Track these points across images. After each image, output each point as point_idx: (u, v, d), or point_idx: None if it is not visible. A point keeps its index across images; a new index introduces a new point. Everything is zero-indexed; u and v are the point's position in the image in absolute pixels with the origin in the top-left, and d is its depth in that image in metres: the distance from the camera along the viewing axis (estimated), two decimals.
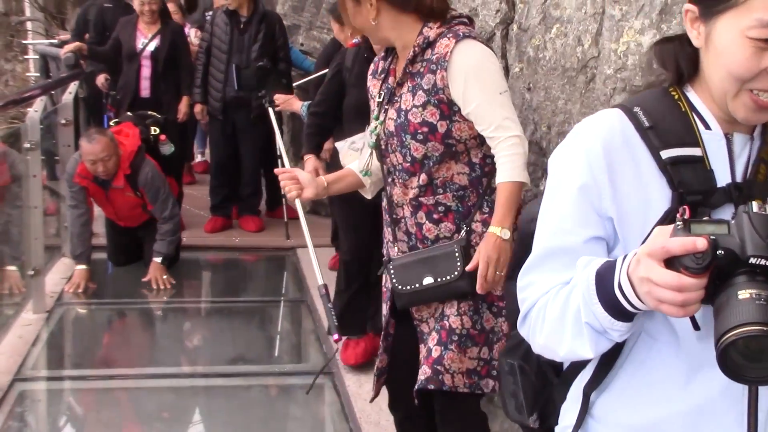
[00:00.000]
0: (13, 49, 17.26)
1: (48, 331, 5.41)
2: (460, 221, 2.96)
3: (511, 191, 2.83)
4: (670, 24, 2.85)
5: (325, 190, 3.16)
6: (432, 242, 2.98)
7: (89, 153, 5.62)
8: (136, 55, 7.12)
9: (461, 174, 2.95)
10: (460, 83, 2.82)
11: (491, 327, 2.99)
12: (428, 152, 2.91)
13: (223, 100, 6.93)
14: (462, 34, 2.86)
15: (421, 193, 2.96)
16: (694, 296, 1.33)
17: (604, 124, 1.59)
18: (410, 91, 2.91)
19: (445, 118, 2.88)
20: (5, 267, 5.62)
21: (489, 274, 2.83)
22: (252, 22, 6.88)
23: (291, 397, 4.84)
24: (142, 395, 4.79)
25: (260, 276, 7.07)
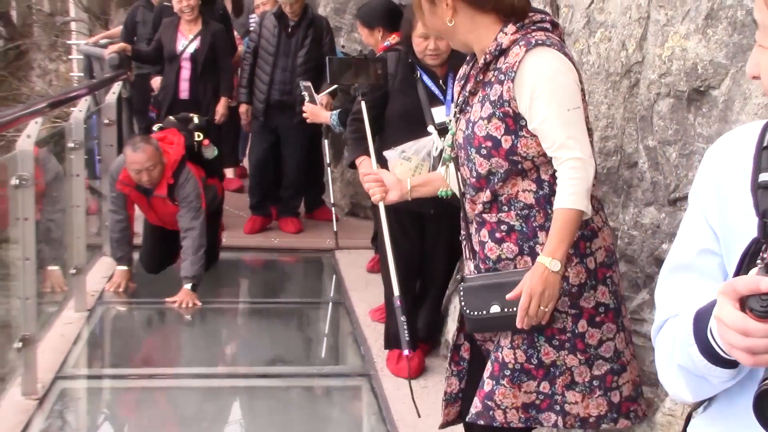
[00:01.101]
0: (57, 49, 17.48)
1: (89, 329, 5.46)
2: (524, 242, 2.74)
3: (567, 219, 2.60)
4: (716, 29, 2.83)
5: (409, 193, 2.99)
6: (494, 263, 2.78)
7: (134, 162, 5.56)
8: (176, 56, 7.17)
9: (527, 192, 2.73)
10: (527, 96, 2.61)
11: (552, 361, 2.76)
12: (492, 168, 2.72)
13: (266, 102, 6.94)
14: (535, 42, 2.62)
15: (485, 210, 2.77)
16: (762, 344, 1.19)
17: (735, 135, 1.48)
18: (480, 101, 2.72)
19: (510, 133, 2.67)
20: (47, 266, 5.66)
21: (531, 308, 2.60)
22: (300, 26, 6.88)
23: (329, 398, 4.85)
24: (181, 395, 4.82)
25: (299, 277, 7.09)
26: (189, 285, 5.70)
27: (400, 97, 4.45)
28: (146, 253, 6.25)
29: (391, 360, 4.74)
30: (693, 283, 1.44)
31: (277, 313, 6.18)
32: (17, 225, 4.47)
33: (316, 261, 7.04)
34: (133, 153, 5.55)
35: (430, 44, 4.24)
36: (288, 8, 6.80)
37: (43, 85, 17.24)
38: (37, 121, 4.73)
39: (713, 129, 2.86)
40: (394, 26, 5.29)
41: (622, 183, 3.41)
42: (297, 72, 6.81)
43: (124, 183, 5.74)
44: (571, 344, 2.74)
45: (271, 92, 6.92)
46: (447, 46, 4.28)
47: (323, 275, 6.87)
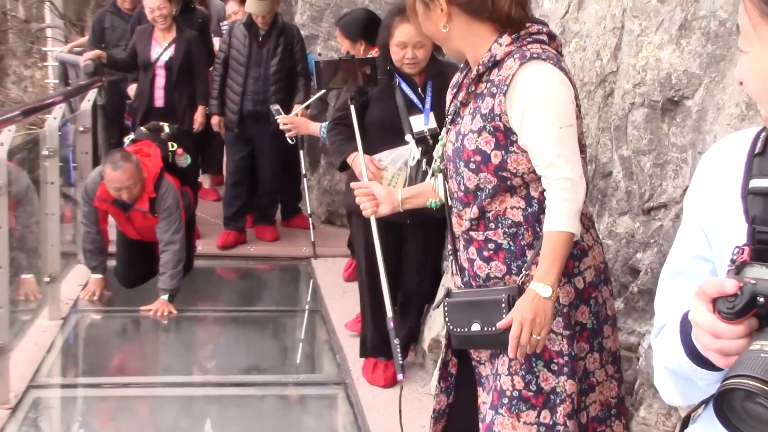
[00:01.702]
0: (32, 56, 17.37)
1: (63, 338, 5.42)
2: (512, 262, 2.65)
3: (557, 242, 2.50)
4: (690, 39, 2.85)
5: (399, 205, 2.94)
6: (483, 281, 2.70)
7: (114, 180, 5.48)
8: (150, 64, 7.11)
9: (515, 209, 2.63)
10: (518, 111, 2.51)
11: (551, 387, 2.65)
12: (480, 183, 2.62)
13: (240, 113, 6.89)
14: (530, 55, 2.52)
15: (472, 227, 2.69)
16: (732, 345, 1.22)
17: (728, 141, 1.48)
18: (471, 113, 2.63)
19: (500, 148, 2.57)
20: (21, 274, 5.61)
21: (523, 336, 2.49)
22: (271, 35, 6.83)
23: (304, 407, 4.83)
24: (156, 404, 4.79)
25: (275, 285, 7.07)
26: (165, 296, 5.67)
27: (378, 105, 4.42)
28: (122, 268, 6.15)
29: (366, 369, 4.73)
30: (686, 289, 1.43)
31: (253, 322, 6.15)
32: None
33: (293, 269, 7.02)
34: (113, 171, 5.46)
35: (408, 53, 4.21)
36: (260, 19, 6.76)
37: (18, 92, 17.12)
38: (10, 129, 4.70)
39: (687, 139, 2.88)
40: (375, 38, 5.27)
41: (597, 192, 3.43)
42: (270, 81, 6.78)
43: (102, 199, 5.65)
44: (570, 369, 2.64)
45: (244, 102, 6.86)
46: (425, 54, 4.26)
47: (299, 283, 6.86)
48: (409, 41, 4.19)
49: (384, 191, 2.95)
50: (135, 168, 5.50)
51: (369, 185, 3.02)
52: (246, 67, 6.83)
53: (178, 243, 5.70)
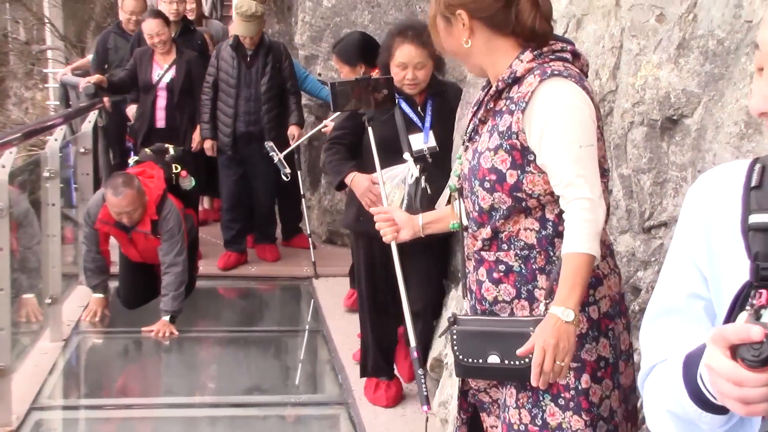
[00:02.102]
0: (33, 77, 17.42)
1: (65, 359, 5.42)
2: (522, 285, 2.55)
3: (578, 264, 2.39)
4: (688, 58, 2.86)
5: (420, 230, 2.88)
6: (490, 305, 2.59)
7: (114, 205, 5.47)
8: (152, 86, 7.12)
9: (529, 230, 2.53)
10: (537, 129, 2.42)
11: (557, 423, 2.53)
12: (495, 203, 2.53)
13: (233, 135, 6.84)
14: (551, 72, 2.44)
15: (484, 247, 2.59)
16: (755, 394, 1.16)
17: (719, 173, 1.44)
18: (489, 131, 2.53)
19: (516, 168, 2.47)
20: (22, 295, 5.61)
21: (546, 364, 2.38)
22: (258, 54, 6.81)
23: (307, 427, 4.83)
24: (159, 425, 4.79)
25: (276, 305, 7.07)
26: (167, 317, 5.66)
27: (377, 126, 4.40)
28: (124, 288, 6.16)
29: (368, 389, 4.72)
30: (679, 328, 1.41)
31: (254, 342, 6.15)
32: None
33: (294, 289, 7.02)
34: (114, 197, 5.45)
35: (408, 74, 4.23)
36: (247, 40, 6.74)
37: (19, 114, 17.17)
38: (11, 151, 4.71)
39: (686, 157, 2.89)
40: (375, 60, 5.27)
41: None
42: (261, 100, 6.75)
43: (104, 221, 5.63)
44: (576, 403, 2.53)
45: (236, 124, 6.81)
46: (425, 75, 4.27)
47: (301, 303, 6.85)
48: (410, 62, 4.21)
49: (404, 216, 2.90)
50: (136, 193, 5.49)
51: (389, 210, 2.96)
52: (236, 88, 6.79)
53: (181, 265, 5.69)
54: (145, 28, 7.06)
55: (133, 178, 5.59)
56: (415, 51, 4.19)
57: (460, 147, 2.71)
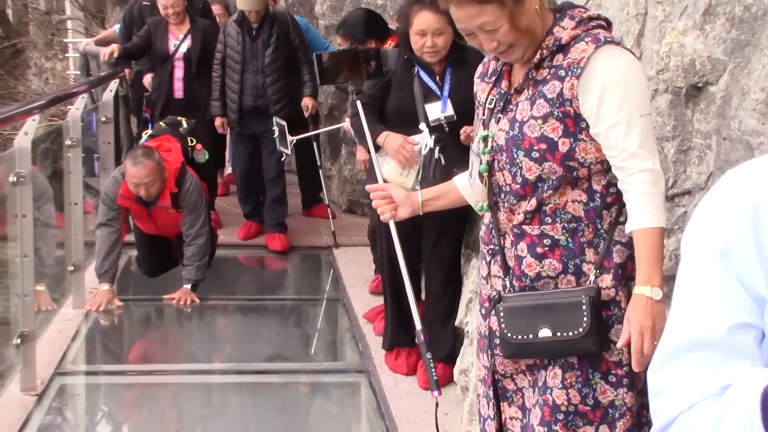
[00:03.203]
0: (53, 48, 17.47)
1: (87, 326, 5.47)
2: (569, 260, 2.45)
3: (655, 240, 2.32)
4: (714, 25, 2.84)
5: (420, 208, 2.75)
6: (531, 281, 2.48)
7: (133, 176, 5.40)
8: (169, 57, 7.09)
9: (577, 202, 2.43)
10: (593, 96, 2.34)
11: (610, 400, 2.45)
12: (543, 174, 2.42)
13: (239, 111, 6.80)
14: (604, 39, 2.37)
15: (526, 221, 2.46)
16: None
17: (754, 174, 1.18)
18: (529, 99, 2.43)
19: (568, 135, 2.39)
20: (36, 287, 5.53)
21: (646, 347, 2.27)
22: (263, 26, 6.74)
23: (327, 394, 4.86)
24: (180, 391, 4.84)
25: (296, 274, 7.10)
26: (189, 285, 5.68)
27: (396, 94, 4.39)
28: (143, 258, 6.16)
29: (389, 356, 4.75)
30: (723, 364, 1.13)
31: (275, 310, 6.19)
32: (15, 222, 4.48)
33: (314, 258, 7.05)
34: (133, 167, 5.40)
35: (428, 41, 4.17)
36: (252, 14, 6.68)
37: (39, 84, 17.23)
38: (34, 119, 4.74)
39: (711, 125, 2.87)
40: (384, 35, 5.23)
41: None
42: (267, 72, 6.69)
43: (125, 197, 5.57)
44: (630, 380, 2.45)
45: (243, 99, 6.76)
46: (445, 42, 4.21)
47: (321, 272, 6.88)
48: (428, 29, 4.14)
49: (403, 193, 2.75)
50: (156, 165, 5.44)
51: (386, 187, 2.80)
52: (242, 63, 6.73)
53: (205, 235, 5.70)
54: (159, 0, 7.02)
55: (153, 151, 5.56)
56: (433, 18, 4.13)
57: (478, 122, 2.60)
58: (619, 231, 2.45)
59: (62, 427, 4.47)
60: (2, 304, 5.21)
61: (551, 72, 2.40)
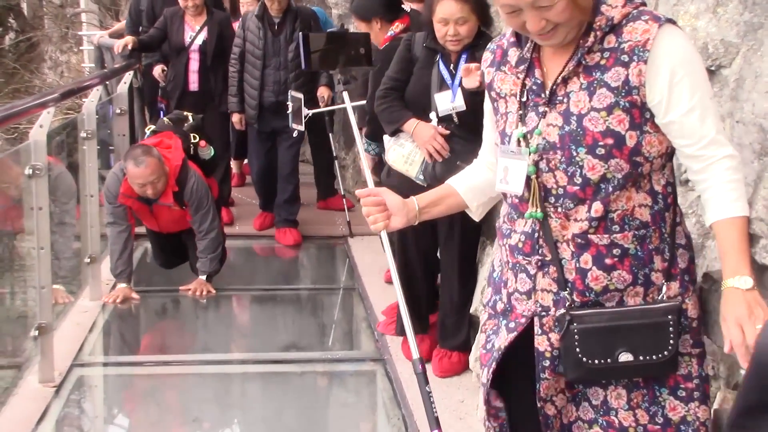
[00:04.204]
0: (68, 41, 17.53)
1: (104, 317, 5.50)
2: (639, 270, 2.25)
3: (743, 229, 2.14)
4: (727, 8, 2.82)
5: (416, 216, 2.51)
6: (597, 295, 2.26)
7: (138, 176, 5.36)
8: (184, 48, 7.06)
9: (643, 207, 2.24)
10: (663, 83, 2.14)
11: (681, 417, 2.30)
12: (609, 172, 2.19)
13: (259, 107, 6.72)
14: (664, 17, 2.17)
15: (590, 229, 2.23)
16: None
17: None
18: (585, 89, 2.19)
19: (635, 128, 2.18)
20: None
21: (748, 337, 2.04)
22: (286, 21, 6.65)
23: (343, 383, 4.87)
24: (197, 381, 4.85)
25: (312, 264, 7.11)
26: (204, 276, 5.70)
27: (415, 80, 4.34)
28: (157, 253, 6.18)
29: (405, 344, 4.74)
30: None
31: (290, 300, 6.21)
32: (31, 215, 4.51)
33: (329, 248, 7.06)
34: (136, 168, 5.34)
35: (450, 29, 4.06)
36: (274, 6, 6.58)
37: (54, 77, 17.31)
38: (49, 111, 4.75)
39: (724, 108, 2.86)
40: (393, 15, 5.13)
41: None
42: (290, 68, 6.61)
43: (126, 195, 5.54)
44: (701, 392, 2.31)
45: (263, 95, 6.67)
46: (468, 30, 4.09)
47: (336, 262, 6.89)
48: (451, 17, 4.05)
49: (398, 200, 2.48)
50: (157, 162, 5.39)
51: (379, 192, 2.52)
52: (263, 59, 6.64)
53: (216, 228, 5.69)
54: None
55: (151, 148, 5.49)
56: (455, 5, 4.07)
57: (515, 115, 2.31)
58: (679, 233, 2.32)
59: (80, 419, 4.50)
60: (20, 296, 5.25)
61: (607, 56, 2.18)
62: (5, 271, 5.39)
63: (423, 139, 4.20)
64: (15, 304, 5.31)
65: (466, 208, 2.58)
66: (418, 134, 4.22)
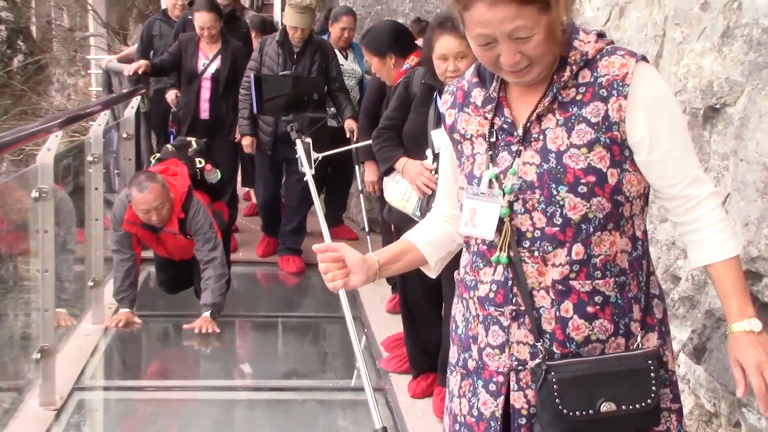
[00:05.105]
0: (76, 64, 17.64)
1: (106, 341, 5.50)
2: (619, 319, 2.12)
3: (738, 270, 2.10)
4: (732, 47, 2.85)
5: (377, 274, 2.34)
6: (577, 346, 2.12)
7: (141, 202, 5.32)
8: (197, 76, 7.06)
9: (624, 252, 2.13)
10: (641, 118, 2.06)
11: None
12: (590, 212, 2.07)
13: (274, 135, 6.66)
14: (638, 54, 2.12)
15: (572, 273, 2.10)
16: None
17: None
18: (562, 125, 2.09)
19: (615, 165, 2.07)
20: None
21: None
22: (305, 52, 6.61)
23: (344, 411, 4.87)
24: (197, 407, 4.85)
25: (314, 292, 7.11)
26: (208, 312, 5.53)
27: (413, 118, 4.33)
28: (161, 277, 6.12)
29: (412, 383, 4.68)
30: None
31: (292, 327, 6.21)
32: (36, 237, 4.52)
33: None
34: (140, 194, 5.31)
35: (449, 65, 4.00)
36: (297, 34, 6.53)
37: (61, 100, 17.40)
38: (57, 135, 4.78)
39: (728, 146, 2.88)
40: (406, 50, 5.15)
41: None
42: None
43: (131, 222, 5.51)
44: None
45: (278, 124, 6.55)
46: (467, 66, 4.01)
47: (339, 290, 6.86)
48: (450, 52, 4.03)
49: (357, 257, 2.30)
50: (161, 188, 5.36)
51: (338, 247, 2.33)
52: None
53: (219, 258, 5.57)
54: (197, 19, 6.96)
55: (155, 174, 5.47)
56: (454, 41, 4.06)
57: (483, 156, 2.20)
58: (653, 282, 2.21)
59: None
60: (22, 319, 5.26)
61: (583, 91, 2.09)
62: (8, 293, 5.40)
63: (410, 175, 4.22)
64: (17, 326, 5.32)
65: (424, 263, 2.41)
66: (407, 171, 4.25)
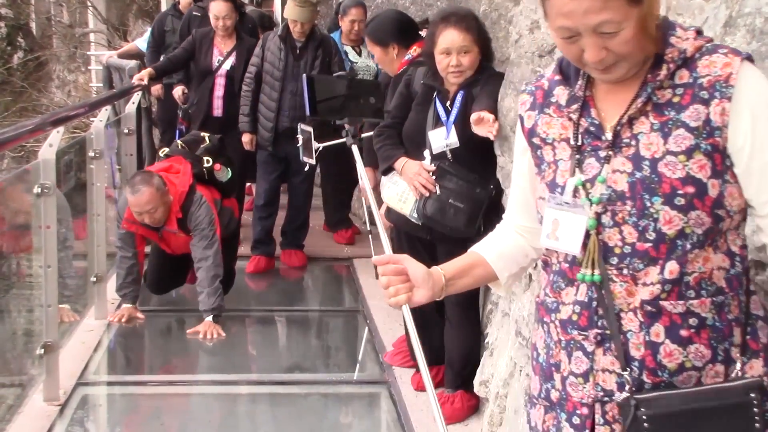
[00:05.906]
0: (76, 60, 17.63)
1: (109, 336, 5.51)
2: (718, 344, 1.86)
3: None
4: (735, 37, 2.84)
5: (443, 289, 2.11)
6: (671, 374, 1.87)
7: (134, 205, 5.32)
8: (211, 72, 6.98)
9: (721, 270, 1.87)
10: (746, 123, 1.81)
11: None
12: (688, 227, 1.83)
13: (274, 131, 6.58)
14: (744, 52, 1.88)
15: (662, 294, 1.85)
16: None
17: None
18: (657, 129, 1.85)
19: (717, 176, 1.83)
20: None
21: None
22: (308, 47, 6.55)
23: (347, 405, 4.86)
24: (200, 401, 4.85)
25: (317, 285, 7.12)
26: (210, 317, 5.50)
27: (411, 117, 4.31)
28: (152, 273, 6.01)
29: (416, 375, 4.67)
30: None
31: (295, 321, 6.22)
32: (39, 233, 4.52)
33: (334, 269, 7.07)
34: (132, 196, 5.29)
35: (452, 60, 4.00)
36: (297, 28, 6.49)
37: (62, 96, 17.40)
38: (59, 131, 4.78)
39: None
40: (409, 40, 5.06)
41: None
42: None
43: (130, 221, 5.50)
44: None
45: (279, 119, 6.53)
46: (470, 61, 4.03)
47: (341, 284, 6.90)
48: (453, 47, 3.98)
49: (422, 271, 2.08)
50: (155, 191, 5.29)
51: (400, 259, 2.09)
52: (282, 81, 6.52)
53: (212, 258, 5.48)
54: (212, 8, 6.88)
55: (152, 176, 5.41)
56: (458, 35, 4.02)
57: (567, 162, 1.96)
58: (755, 302, 1.95)
59: None
60: (25, 315, 5.26)
61: (681, 93, 1.86)
62: (11, 289, 5.40)
63: (409, 175, 4.19)
64: (21, 322, 5.32)
65: (495, 279, 2.19)
66: (405, 172, 4.22)
